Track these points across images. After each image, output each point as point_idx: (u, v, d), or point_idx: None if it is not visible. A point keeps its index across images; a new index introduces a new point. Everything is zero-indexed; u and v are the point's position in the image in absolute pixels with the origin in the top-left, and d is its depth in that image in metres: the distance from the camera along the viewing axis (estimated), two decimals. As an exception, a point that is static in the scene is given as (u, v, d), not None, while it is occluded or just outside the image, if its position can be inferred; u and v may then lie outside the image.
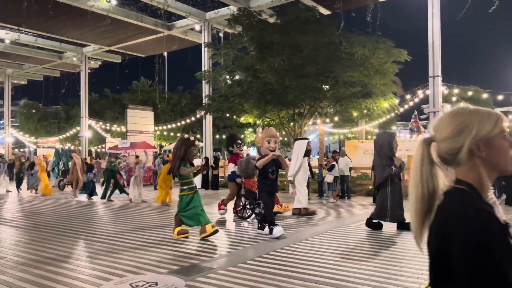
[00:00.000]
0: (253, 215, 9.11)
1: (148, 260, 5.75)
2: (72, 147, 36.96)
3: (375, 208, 8.04)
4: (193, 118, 26.99)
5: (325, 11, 19.96)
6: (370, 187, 14.81)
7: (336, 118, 24.54)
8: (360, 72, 15.68)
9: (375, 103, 16.70)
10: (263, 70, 16.62)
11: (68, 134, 35.89)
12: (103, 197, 13.72)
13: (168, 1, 18.45)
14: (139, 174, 13.78)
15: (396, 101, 18.44)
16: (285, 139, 22.74)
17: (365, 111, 17.38)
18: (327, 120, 26.69)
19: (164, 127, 29.85)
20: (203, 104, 19.62)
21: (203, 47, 21.33)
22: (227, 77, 17.76)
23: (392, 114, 19.96)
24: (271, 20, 17.94)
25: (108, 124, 31.54)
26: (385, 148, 7.79)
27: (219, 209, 10.00)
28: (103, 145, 35.84)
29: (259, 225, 7.54)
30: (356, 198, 14.28)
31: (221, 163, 21.89)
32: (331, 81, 15.54)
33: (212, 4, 20.57)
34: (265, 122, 19.10)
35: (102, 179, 15.58)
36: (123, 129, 26.59)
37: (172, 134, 30.93)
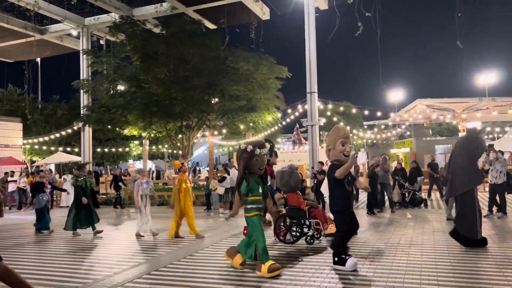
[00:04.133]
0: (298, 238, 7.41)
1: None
2: None
3: (460, 221, 6.71)
4: (70, 130, 24.82)
5: (210, 25, 20.28)
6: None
7: (224, 131, 24.92)
8: (245, 87, 16.23)
9: (259, 117, 17.40)
10: (148, 80, 16.13)
11: None
12: (73, 227, 9.35)
13: (40, 2, 16.79)
14: (143, 193, 8.99)
15: (279, 115, 19.49)
16: (174, 151, 22.25)
17: (250, 124, 18.00)
18: (216, 133, 26.93)
19: (36, 140, 26.88)
20: (82, 115, 18.22)
21: (81, 54, 19.89)
22: (109, 86, 16.79)
23: (276, 127, 21.02)
24: (156, 30, 17.56)
25: (-36, 137, 27.19)
26: (479, 153, 6.95)
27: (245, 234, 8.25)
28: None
29: (336, 259, 5.63)
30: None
31: (102, 178, 20.40)
32: (218, 94, 15.75)
33: (92, 10, 19.35)
34: (151, 135, 18.51)
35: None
36: (-16, 142, 23.20)
37: (45, 147, 27.97)
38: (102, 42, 21.50)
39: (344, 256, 5.55)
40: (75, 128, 23.17)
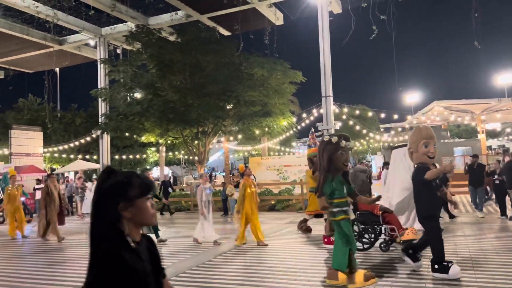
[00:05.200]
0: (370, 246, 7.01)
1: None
2: None
3: None
4: (88, 138, 25.27)
5: (225, 32, 20.44)
6: (273, 202, 15.23)
7: (239, 136, 25.00)
8: (260, 92, 16.27)
9: (274, 122, 17.41)
10: (164, 88, 16.33)
11: None
12: (156, 235, 8.86)
13: (58, 14, 17.22)
14: (206, 198, 8.62)
15: (294, 119, 19.46)
16: (190, 157, 22.43)
17: (266, 129, 18.03)
18: (231, 138, 27.01)
19: (56, 149, 27.42)
20: (100, 123, 18.54)
21: (98, 63, 20.27)
22: (126, 94, 17.05)
23: (291, 132, 20.97)
24: (172, 38, 17.78)
25: (-13, 147, 27.91)
26: None
27: (326, 243, 7.62)
28: (-18, 170, 31.56)
29: (437, 267, 5.15)
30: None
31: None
32: (233, 100, 15.84)
33: (108, 20, 19.73)
34: (168, 141, 18.70)
35: None
36: (7, 151, 23.78)
37: (65, 155, 28.51)
38: (118, 51, 21.89)
39: (446, 263, 5.09)
40: (94, 136, 23.56)
